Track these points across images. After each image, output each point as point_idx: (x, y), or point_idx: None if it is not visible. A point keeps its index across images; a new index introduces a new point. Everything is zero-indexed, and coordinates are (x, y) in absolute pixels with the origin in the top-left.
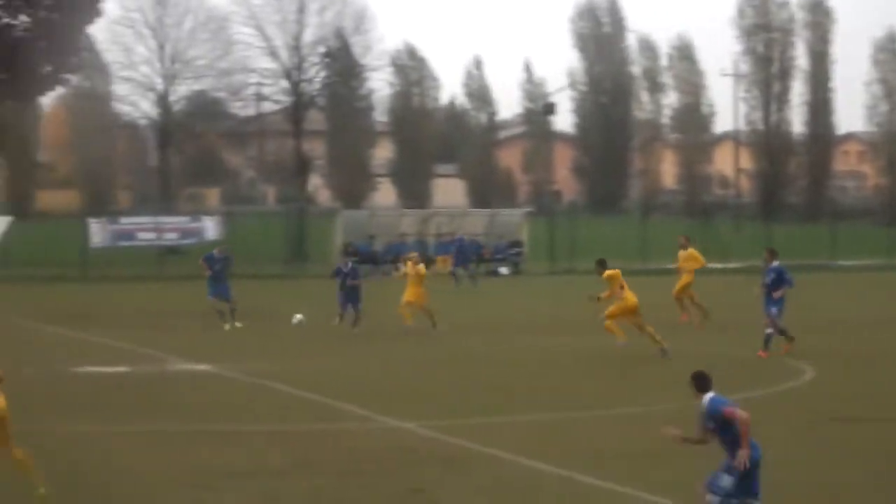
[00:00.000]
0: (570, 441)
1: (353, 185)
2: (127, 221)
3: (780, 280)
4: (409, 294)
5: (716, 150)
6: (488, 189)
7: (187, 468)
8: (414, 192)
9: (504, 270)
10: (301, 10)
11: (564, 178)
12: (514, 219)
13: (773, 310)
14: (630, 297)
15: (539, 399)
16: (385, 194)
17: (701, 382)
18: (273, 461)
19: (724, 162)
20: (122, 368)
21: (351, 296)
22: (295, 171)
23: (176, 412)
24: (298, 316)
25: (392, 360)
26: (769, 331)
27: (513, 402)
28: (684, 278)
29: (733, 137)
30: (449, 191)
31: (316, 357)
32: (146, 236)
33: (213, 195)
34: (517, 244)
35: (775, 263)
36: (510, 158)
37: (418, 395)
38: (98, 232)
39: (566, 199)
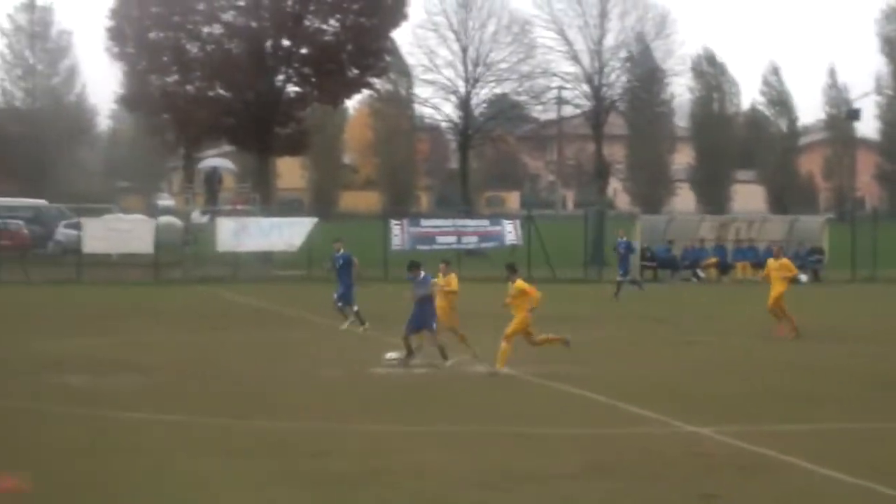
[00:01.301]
0: (877, 452)
1: (652, 189)
2: (427, 224)
3: None
4: (439, 312)
5: None
6: (788, 195)
7: (482, 469)
8: (713, 197)
9: (803, 278)
10: (603, 14)
11: (867, 184)
12: (814, 225)
13: None
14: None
15: (845, 408)
16: (684, 200)
17: None
18: (567, 464)
19: None
20: (422, 369)
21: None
22: (594, 176)
23: (472, 413)
24: (392, 354)
25: (686, 365)
26: None
27: (815, 409)
28: (776, 288)
29: None
30: (748, 197)
31: (611, 361)
32: (446, 239)
33: (512, 198)
34: (817, 251)
35: None
36: (811, 164)
37: (714, 401)
38: (398, 234)
39: (869, 206)
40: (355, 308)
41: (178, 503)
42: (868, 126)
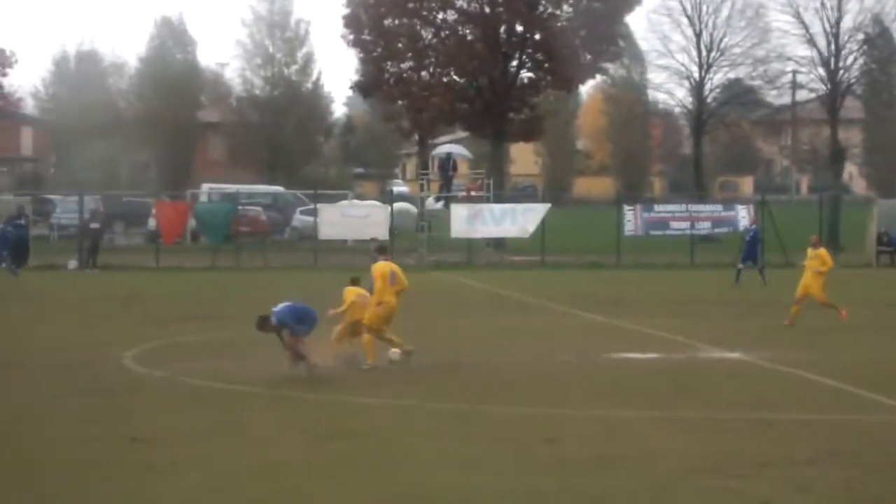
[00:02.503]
0: None
1: (889, 174)
2: (660, 209)
3: None
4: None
5: None
6: None
7: (716, 455)
8: None
9: None
10: None
11: None
12: None
13: None
14: (391, 299)
15: None
16: None
17: None
18: (802, 451)
19: None
20: (653, 355)
21: None
22: (829, 160)
23: (705, 399)
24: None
25: None
26: None
27: None
28: (810, 280)
29: None
30: None
31: (848, 346)
32: (679, 225)
33: (746, 183)
34: None
35: None
36: None
37: None
38: (631, 219)
39: None
40: None
41: (410, 485)
42: None
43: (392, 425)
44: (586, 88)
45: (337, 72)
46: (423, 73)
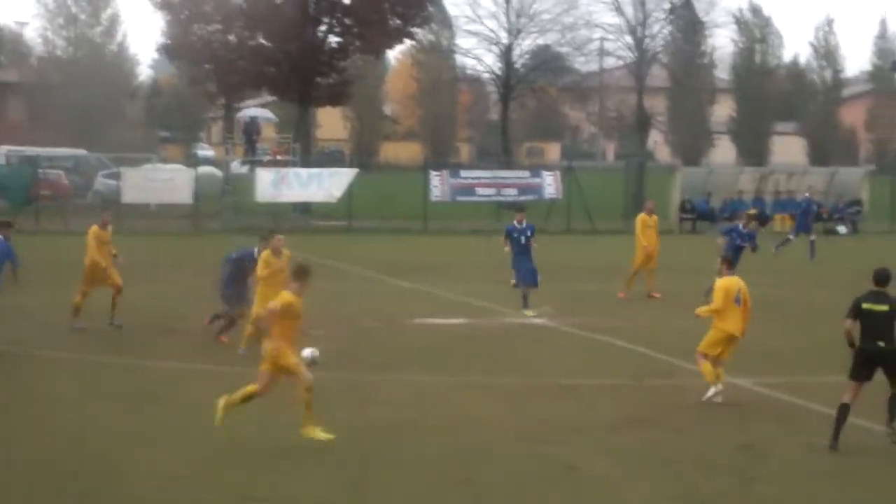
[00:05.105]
0: None
1: (692, 142)
2: (467, 175)
3: None
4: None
5: None
6: (829, 147)
7: (523, 421)
8: (752, 149)
9: (842, 230)
10: None
11: None
12: (854, 177)
13: None
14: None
15: None
16: (723, 151)
17: None
18: (605, 415)
19: None
20: (460, 320)
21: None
22: (635, 127)
23: (512, 365)
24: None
25: None
26: None
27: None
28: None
29: None
30: (788, 149)
31: (653, 313)
32: (485, 191)
33: (552, 150)
34: (856, 203)
35: None
36: (854, 117)
37: (756, 353)
38: (438, 185)
39: None
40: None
41: (218, 450)
42: None
43: (194, 390)
44: (395, 53)
45: (143, 34)
46: (231, 37)
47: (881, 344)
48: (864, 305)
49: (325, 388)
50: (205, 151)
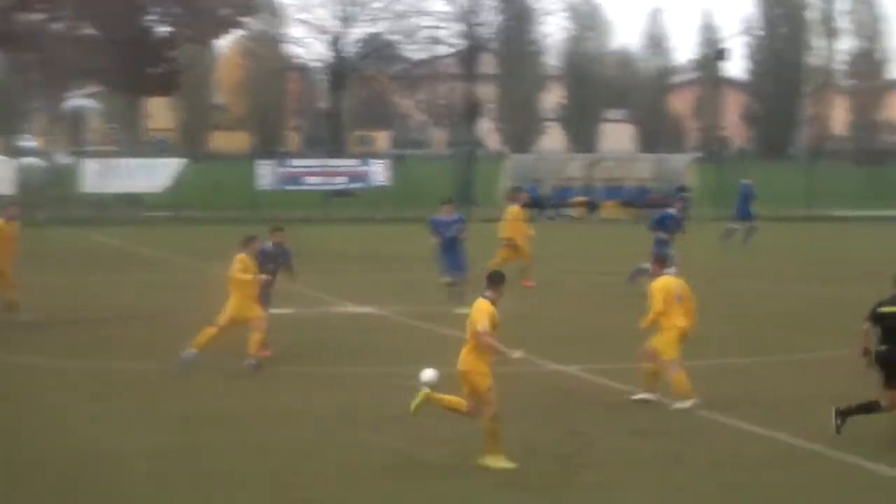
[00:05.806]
0: (738, 387)
1: (522, 129)
2: (296, 164)
3: None
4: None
5: (889, 96)
6: (657, 135)
7: (353, 409)
8: (582, 136)
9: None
10: None
11: (735, 124)
12: (680, 164)
13: None
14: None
15: (720, 346)
16: (553, 138)
17: None
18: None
19: None
20: (287, 310)
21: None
22: (465, 115)
23: (340, 354)
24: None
25: (561, 306)
26: None
27: (687, 347)
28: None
29: None
30: (617, 136)
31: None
32: (314, 180)
33: (382, 138)
34: (683, 189)
35: None
36: (681, 104)
37: (585, 340)
38: (267, 174)
39: (735, 146)
40: None
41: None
42: (738, 66)
43: (31, 385)
44: (224, 42)
45: None
46: (57, 25)
47: None
48: (884, 309)
49: (141, 379)
50: (28, 143)
